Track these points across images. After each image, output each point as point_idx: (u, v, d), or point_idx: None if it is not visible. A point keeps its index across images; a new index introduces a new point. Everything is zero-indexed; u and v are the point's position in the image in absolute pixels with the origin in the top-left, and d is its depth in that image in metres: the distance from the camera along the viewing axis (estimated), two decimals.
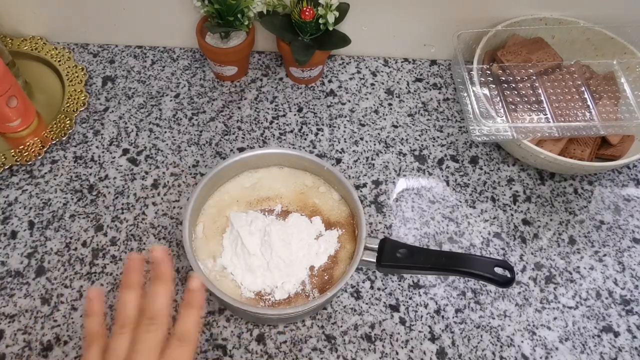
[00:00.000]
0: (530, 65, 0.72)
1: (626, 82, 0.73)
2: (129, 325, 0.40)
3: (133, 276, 0.42)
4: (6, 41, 0.79)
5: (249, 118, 0.75)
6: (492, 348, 0.58)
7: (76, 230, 0.64)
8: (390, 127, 0.75)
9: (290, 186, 0.60)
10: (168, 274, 0.42)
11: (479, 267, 0.50)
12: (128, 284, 0.42)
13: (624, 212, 0.69)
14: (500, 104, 0.70)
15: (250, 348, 0.57)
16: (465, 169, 0.72)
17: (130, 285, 0.42)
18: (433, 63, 0.83)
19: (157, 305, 0.40)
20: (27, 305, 0.59)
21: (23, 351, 0.56)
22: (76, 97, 0.75)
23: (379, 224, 0.66)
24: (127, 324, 0.40)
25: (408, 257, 0.52)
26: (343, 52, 0.82)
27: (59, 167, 0.69)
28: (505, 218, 0.68)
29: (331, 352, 0.57)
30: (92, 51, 0.81)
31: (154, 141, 0.72)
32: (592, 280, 0.64)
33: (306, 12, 0.67)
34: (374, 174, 0.71)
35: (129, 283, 0.42)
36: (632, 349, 0.59)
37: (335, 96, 0.78)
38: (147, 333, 0.39)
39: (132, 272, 0.42)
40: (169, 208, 0.66)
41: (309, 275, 0.55)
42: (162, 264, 0.42)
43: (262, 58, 0.82)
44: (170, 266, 0.42)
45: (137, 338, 0.39)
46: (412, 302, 0.61)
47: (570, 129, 0.67)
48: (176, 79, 0.79)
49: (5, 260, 0.62)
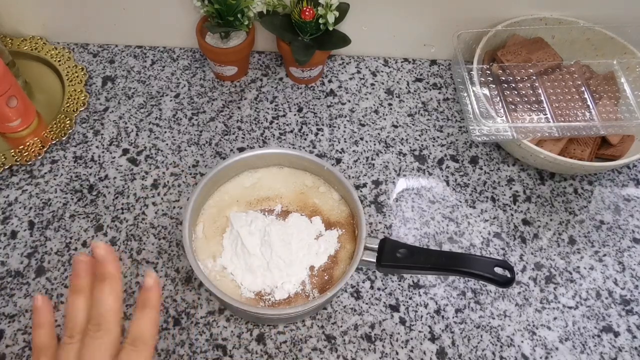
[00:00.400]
0: (530, 65, 0.72)
1: (626, 82, 0.73)
2: (78, 334, 0.37)
3: (81, 280, 0.39)
4: (6, 41, 0.79)
5: (249, 118, 0.75)
6: (492, 348, 0.58)
7: (76, 230, 0.64)
8: (390, 127, 0.75)
9: (290, 186, 0.60)
10: (113, 272, 0.39)
11: (479, 267, 0.50)
12: (76, 288, 0.39)
13: (624, 212, 0.69)
14: (500, 104, 0.70)
15: (250, 348, 0.57)
16: (465, 169, 0.72)
17: (79, 290, 0.39)
18: (433, 63, 0.83)
19: (102, 309, 0.37)
20: (27, 305, 0.59)
21: (23, 351, 0.56)
22: (76, 97, 0.75)
23: (379, 224, 0.66)
24: (76, 332, 0.37)
25: (408, 257, 0.52)
26: (343, 52, 0.82)
27: (59, 167, 0.69)
28: (505, 218, 0.68)
29: (331, 352, 0.57)
30: (92, 51, 0.81)
31: (154, 141, 0.72)
32: (592, 280, 0.64)
33: (306, 12, 0.67)
34: (374, 174, 0.71)
35: (76, 287, 0.39)
36: (632, 349, 0.59)
37: (335, 96, 0.78)
38: (94, 340, 0.36)
39: (79, 276, 0.39)
40: (169, 208, 0.66)
41: (309, 275, 0.55)
42: (106, 262, 0.39)
43: (262, 58, 0.82)
44: (115, 264, 0.39)
45: (84, 346, 0.36)
46: (412, 302, 0.61)
47: (570, 129, 0.67)
48: (176, 79, 0.79)
49: (5, 260, 0.62)
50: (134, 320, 0.38)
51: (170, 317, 0.58)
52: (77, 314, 0.38)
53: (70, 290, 0.39)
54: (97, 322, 0.37)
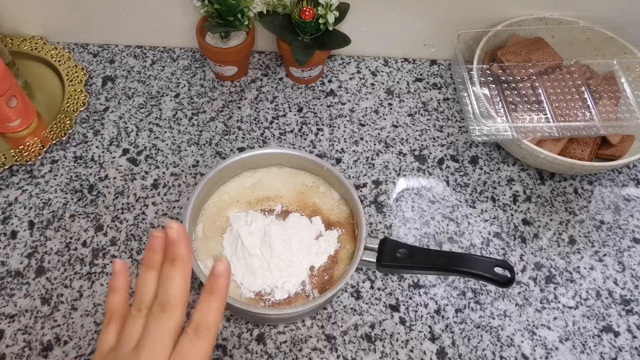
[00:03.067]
0: (530, 65, 0.72)
1: (626, 82, 0.73)
2: (146, 308, 0.37)
3: (155, 255, 0.38)
4: (6, 41, 0.79)
5: (249, 118, 0.75)
6: (492, 348, 0.58)
7: (76, 230, 0.64)
8: (390, 127, 0.75)
9: (290, 186, 0.60)
10: (185, 255, 0.38)
11: (479, 267, 0.50)
12: (149, 263, 0.38)
13: (624, 212, 0.69)
14: (500, 104, 0.70)
15: (250, 348, 0.57)
16: (465, 168, 0.72)
17: (151, 265, 0.38)
18: (433, 63, 0.83)
19: (170, 291, 0.36)
20: (27, 305, 0.59)
21: (23, 351, 0.56)
22: (76, 97, 0.75)
23: (379, 224, 0.66)
24: (144, 306, 0.37)
25: (408, 257, 0.52)
26: (343, 52, 0.82)
27: (59, 167, 0.69)
28: (505, 218, 0.68)
29: (331, 352, 0.57)
30: (92, 51, 0.81)
31: (154, 141, 0.72)
32: (592, 280, 0.64)
33: (306, 12, 0.67)
34: (374, 173, 0.71)
35: (149, 262, 0.38)
36: (632, 349, 0.59)
37: (335, 96, 0.78)
38: (158, 321, 0.36)
39: (154, 251, 0.38)
40: (169, 208, 0.66)
41: (309, 275, 0.55)
42: (178, 244, 0.37)
43: (262, 58, 0.82)
44: (187, 247, 0.38)
45: (148, 325, 0.36)
46: (412, 302, 0.61)
47: (570, 129, 0.67)
48: (176, 79, 0.79)
49: (5, 260, 0.62)
50: (199, 305, 0.37)
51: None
52: (148, 289, 0.38)
53: (144, 264, 0.38)
54: (163, 304, 0.36)
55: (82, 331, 0.57)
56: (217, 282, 0.38)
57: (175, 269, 0.37)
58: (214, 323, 0.37)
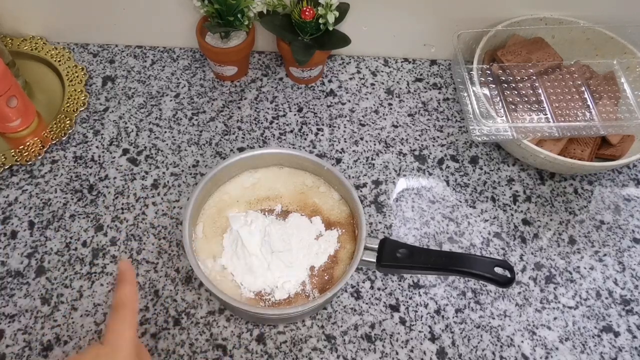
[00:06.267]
0: (530, 65, 0.72)
1: (626, 82, 0.73)
2: None
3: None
4: (6, 41, 0.79)
5: (249, 118, 0.75)
6: (492, 348, 0.58)
7: (76, 230, 0.64)
8: (390, 127, 0.75)
9: (290, 186, 0.60)
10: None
11: (479, 267, 0.50)
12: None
13: (624, 212, 0.69)
14: (500, 104, 0.70)
15: (250, 348, 0.57)
16: (465, 168, 0.72)
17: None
18: (433, 63, 0.83)
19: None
20: (27, 305, 0.59)
21: (23, 351, 0.56)
22: (76, 97, 0.75)
23: (379, 224, 0.66)
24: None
25: (408, 257, 0.52)
26: (343, 52, 0.82)
27: (59, 167, 0.69)
28: (505, 218, 0.68)
29: (331, 352, 0.57)
30: (92, 51, 0.81)
31: (154, 141, 0.72)
32: (592, 280, 0.64)
33: (306, 12, 0.67)
34: (374, 174, 0.71)
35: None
36: (632, 349, 0.59)
37: (335, 96, 0.78)
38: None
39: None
40: (169, 208, 0.66)
41: (309, 275, 0.55)
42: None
43: (262, 58, 0.82)
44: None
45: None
46: (412, 302, 0.61)
47: (570, 129, 0.67)
48: (176, 79, 0.79)
49: (5, 260, 0.62)
50: (115, 292, 0.43)
51: (171, 317, 0.58)
52: None
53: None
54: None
55: (82, 331, 0.57)
56: (124, 272, 0.44)
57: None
58: (128, 300, 0.42)
